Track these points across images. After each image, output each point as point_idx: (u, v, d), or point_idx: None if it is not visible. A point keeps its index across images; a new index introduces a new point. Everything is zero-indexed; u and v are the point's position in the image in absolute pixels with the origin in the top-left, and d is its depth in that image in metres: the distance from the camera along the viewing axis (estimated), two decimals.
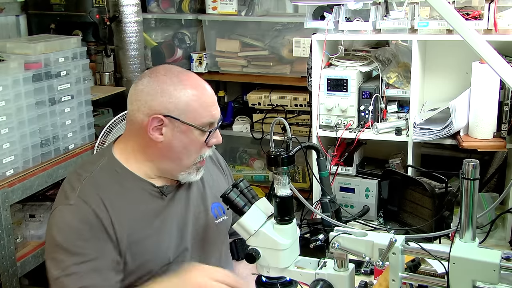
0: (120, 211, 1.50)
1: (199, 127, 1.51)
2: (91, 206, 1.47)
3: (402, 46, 2.66)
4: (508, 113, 2.16)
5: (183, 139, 1.52)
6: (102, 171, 1.56)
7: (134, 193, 1.55)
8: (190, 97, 1.50)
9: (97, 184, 1.52)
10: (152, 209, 1.56)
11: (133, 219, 1.52)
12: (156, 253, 1.55)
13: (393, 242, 1.29)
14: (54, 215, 1.50)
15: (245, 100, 3.45)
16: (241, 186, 1.40)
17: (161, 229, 1.56)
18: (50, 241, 1.49)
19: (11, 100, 2.27)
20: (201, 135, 1.53)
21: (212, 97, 1.56)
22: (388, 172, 2.32)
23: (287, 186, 1.33)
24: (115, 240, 1.48)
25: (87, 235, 1.45)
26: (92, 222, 1.46)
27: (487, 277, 1.20)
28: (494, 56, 1.24)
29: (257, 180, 3.45)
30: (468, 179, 1.20)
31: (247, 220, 1.35)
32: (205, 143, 1.54)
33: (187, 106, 1.50)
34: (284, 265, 1.36)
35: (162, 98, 1.49)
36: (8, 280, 2.28)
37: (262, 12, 3.36)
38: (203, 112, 1.52)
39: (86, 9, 3.09)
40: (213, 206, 1.70)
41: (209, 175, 1.74)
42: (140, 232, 1.52)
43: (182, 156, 1.54)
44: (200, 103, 1.51)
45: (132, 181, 1.56)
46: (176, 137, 1.52)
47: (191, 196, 1.65)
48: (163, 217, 1.57)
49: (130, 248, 1.50)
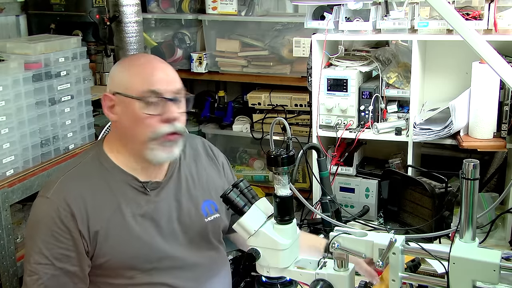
0: (98, 205, 1.52)
1: (137, 97, 1.51)
2: (65, 202, 1.49)
3: (402, 46, 2.66)
4: (508, 113, 2.16)
5: (129, 113, 1.53)
6: (87, 163, 1.59)
7: (116, 187, 1.56)
8: (132, 70, 1.56)
9: (79, 177, 1.55)
10: (133, 204, 1.56)
11: (111, 213, 1.53)
12: (136, 248, 1.54)
13: (393, 242, 1.29)
14: (33, 205, 1.55)
15: (245, 100, 3.45)
16: (241, 186, 1.40)
17: (143, 224, 1.56)
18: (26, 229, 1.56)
19: (11, 100, 2.27)
20: (142, 107, 1.51)
21: (159, 70, 1.56)
22: (388, 172, 2.32)
23: (287, 186, 1.33)
24: (87, 236, 1.49)
25: (56, 231, 1.47)
26: (64, 218, 1.48)
27: (487, 277, 1.20)
28: (494, 56, 1.24)
29: (257, 180, 3.45)
30: (468, 179, 1.20)
31: (247, 220, 1.35)
32: (151, 116, 1.51)
33: (129, 78, 1.54)
34: (284, 265, 1.35)
35: (111, 77, 1.59)
36: (8, 280, 2.28)
37: (262, 12, 3.36)
38: (142, 82, 1.52)
39: (86, 9, 3.09)
40: (204, 204, 1.69)
41: (203, 172, 1.74)
42: (117, 227, 1.53)
43: (134, 133, 1.54)
44: (141, 75, 1.54)
45: (115, 175, 1.57)
46: (123, 112, 1.54)
47: (180, 193, 1.65)
48: (146, 212, 1.57)
49: (106, 243, 1.51)
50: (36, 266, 1.47)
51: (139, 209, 1.57)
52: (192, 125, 3.56)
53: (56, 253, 1.48)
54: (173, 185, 1.65)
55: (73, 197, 1.50)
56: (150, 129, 1.52)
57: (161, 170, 1.64)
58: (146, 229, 1.56)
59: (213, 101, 3.61)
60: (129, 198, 1.56)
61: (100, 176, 1.56)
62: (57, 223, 1.47)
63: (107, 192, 1.55)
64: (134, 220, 1.55)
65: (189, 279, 1.63)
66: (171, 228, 1.61)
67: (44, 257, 1.47)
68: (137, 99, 1.51)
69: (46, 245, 1.47)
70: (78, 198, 1.50)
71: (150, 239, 1.57)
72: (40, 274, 1.47)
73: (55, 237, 1.47)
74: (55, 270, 1.47)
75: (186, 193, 1.67)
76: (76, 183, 1.53)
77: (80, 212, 1.49)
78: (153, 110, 1.52)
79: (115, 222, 1.53)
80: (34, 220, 1.52)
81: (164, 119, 1.52)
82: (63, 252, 1.48)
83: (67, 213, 1.48)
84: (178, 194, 1.65)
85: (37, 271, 1.47)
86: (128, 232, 1.54)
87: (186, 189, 1.67)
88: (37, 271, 1.47)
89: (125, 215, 1.54)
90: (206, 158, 1.78)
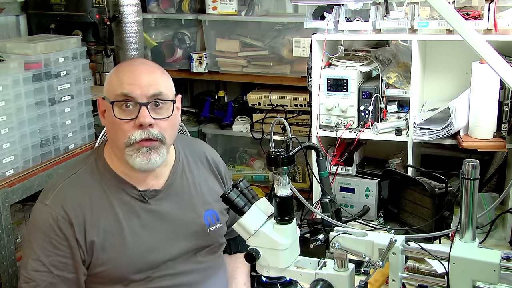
0: (95, 215, 1.50)
1: (110, 101, 1.50)
2: (63, 209, 1.48)
3: (402, 46, 2.66)
4: (508, 113, 2.16)
5: (109, 118, 1.52)
6: (87, 171, 1.57)
7: (114, 196, 1.54)
8: (115, 74, 1.55)
9: (78, 185, 1.53)
10: (131, 214, 1.54)
11: (109, 223, 1.51)
12: (133, 258, 1.52)
13: (393, 242, 1.29)
14: (32, 211, 1.54)
15: (245, 100, 3.44)
16: (241, 186, 1.40)
17: (141, 234, 1.54)
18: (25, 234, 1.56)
19: (11, 100, 2.27)
20: (117, 112, 1.49)
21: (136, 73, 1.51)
22: (388, 172, 2.32)
23: (287, 186, 1.33)
24: (83, 246, 1.48)
25: (54, 238, 1.47)
26: (62, 225, 1.47)
27: (487, 277, 1.20)
28: (494, 56, 1.24)
29: (257, 180, 3.45)
30: (468, 179, 1.20)
31: (247, 220, 1.35)
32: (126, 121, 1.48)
33: (110, 82, 1.54)
34: (284, 265, 1.36)
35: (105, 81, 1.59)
36: (8, 280, 2.28)
37: (262, 12, 3.36)
38: (117, 85, 1.51)
39: (86, 9, 3.09)
40: (206, 214, 1.67)
41: (204, 182, 1.71)
42: (114, 237, 1.51)
43: (114, 138, 1.54)
44: (118, 78, 1.52)
45: (113, 183, 1.55)
46: (107, 117, 1.55)
47: (181, 203, 1.63)
48: (144, 222, 1.55)
49: (103, 252, 1.50)
50: (33, 273, 1.46)
51: (137, 218, 1.55)
52: (192, 125, 3.56)
53: (54, 261, 1.47)
54: (174, 194, 1.63)
55: (71, 205, 1.49)
56: (124, 134, 1.49)
57: (159, 178, 1.61)
58: (143, 239, 1.55)
59: (213, 101, 3.62)
60: (127, 208, 1.55)
61: (98, 184, 1.55)
62: (55, 230, 1.47)
63: (105, 202, 1.53)
64: (131, 231, 1.53)
65: (185, 283, 1.62)
66: (170, 237, 1.59)
67: (42, 264, 1.46)
68: (110, 103, 1.50)
69: (44, 251, 1.46)
70: (76, 206, 1.49)
71: (148, 249, 1.55)
72: (37, 281, 1.46)
73: (53, 244, 1.47)
74: (52, 277, 1.47)
75: (188, 203, 1.64)
76: (75, 191, 1.52)
77: (78, 221, 1.48)
78: (127, 115, 1.49)
79: (112, 232, 1.51)
80: (32, 226, 1.51)
81: (136, 124, 1.48)
82: (61, 260, 1.47)
83: (65, 221, 1.47)
84: (179, 203, 1.63)
85: (35, 278, 1.46)
86: (125, 243, 1.52)
87: (188, 198, 1.65)
88: (34, 278, 1.46)
89: (122, 225, 1.53)
90: (208, 168, 1.76)
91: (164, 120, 1.52)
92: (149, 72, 1.54)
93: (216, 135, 3.58)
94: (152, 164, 1.51)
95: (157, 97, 1.51)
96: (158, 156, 1.51)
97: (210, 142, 3.42)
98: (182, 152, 1.71)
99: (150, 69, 1.55)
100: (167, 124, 1.54)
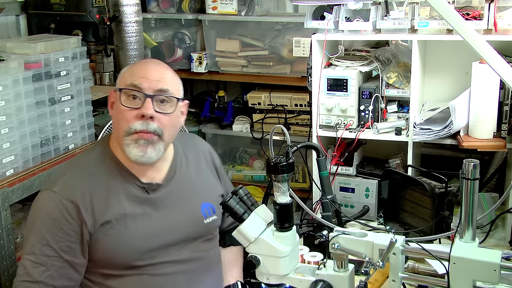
0: (101, 203, 1.54)
1: (119, 88, 1.58)
2: (71, 196, 1.52)
3: (402, 46, 2.65)
4: (508, 113, 2.16)
5: (116, 107, 1.59)
6: (93, 160, 1.62)
7: (119, 188, 1.59)
8: (129, 68, 1.65)
9: (84, 174, 1.58)
10: (134, 203, 1.59)
11: (112, 212, 1.56)
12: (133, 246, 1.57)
13: (393, 243, 1.29)
14: (37, 199, 1.57)
15: (245, 100, 3.44)
16: (241, 194, 1.40)
17: (142, 223, 1.59)
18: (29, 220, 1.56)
19: (11, 100, 2.27)
20: (124, 99, 1.57)
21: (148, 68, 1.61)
22: (388, 172, 2.32)
23: (286, 193, 1.33)
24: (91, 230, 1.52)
25: (64, 224, 1.50)
26: (71, 211, 1.51)
27: (488, 277, 1.20)
28: (494, 56, 1.24)
29: (257, 180, 3.45)
30: (468, 179, 1.20)
31: (247, 227, 1.35)
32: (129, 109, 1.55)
33: (122, 76, 1.63)
34: (284, 272, 1.35)
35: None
36: (8, 280, 2.28)
37: (262, 12, 3.36)
38: (129, 76, 1.59)
39: (86, 9, 3.09)
40: (203, 206, 1.73)
41: (201, 176, 1.78)
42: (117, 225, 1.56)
43: (117, 126, 1.60)
44: (131, 71, 1.61)
45: (118, 174, 1.61)
46: (115, 107, 1.61)
47: (180, 196, 1.69)
48: (146, 212, 1.61)
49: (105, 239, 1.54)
50: (43, 258, 1.49)
51: (139, 208, 1.60)
52: (192, 125, 3.56)
53: (64, 246, 1.50)
54: (173, 187, 1.68)
55: (80, 193, 1.53)
56: (126, 122, 1.56)
57: (159, 172, 1.67)
58: (144, 227, 1.59)
59: (213, 101, 3.61)
60: (130, 197, 1.60)
61: (104, 175, 1.60)
62: (65, 216, 1.50)
63: (110, 192, 1.58)
64: (133, 219, 1.58)
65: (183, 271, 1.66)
66: (169, 226, 1.64)
67: (52, 249, 1.49)
68: (119, 90, 1.57)
69: (54, 237, 1.50)
70: (85, 194, 1.54)
71: (148, 236, 1.59)
72: (47, 265, 1.49)
73: (63, 230, 1.50)
74: (62, 262, 1.50)
75: (186, 195, 1.70)
76: (82, 180, 1.56)
77: (85, 207, 1.52)
78: (132, 104, 1.56)
79: (117, 219, 1.56)
80: (39, 212, 1.54)
81: (139, 115, 1.55)
82: (71, 245, 1.51)
83: (73, 207, 1.51)
84: (178, 196, 1.68)
85: (45, 262, 1.49)
86: (127, 230, 1.57)
87: (186, 191, 1.71)
88: (44, 262, 1.49)
89: (126, 213, 1.57)
90: (204, 162, 1.82)
91: (166, 116, 1.59)
92: (161, 70, 1.63)
93: (216, 135, 3.59)
94: (146, 158, 1.57)
95: (163, 92, 1.59)
96: (154, 151, 1.57)
97: (210, 142, 3.41)
98: (180, 148, 1.78)
99: (162, 68, 1.65)
100: (168, 121, 1.60)
